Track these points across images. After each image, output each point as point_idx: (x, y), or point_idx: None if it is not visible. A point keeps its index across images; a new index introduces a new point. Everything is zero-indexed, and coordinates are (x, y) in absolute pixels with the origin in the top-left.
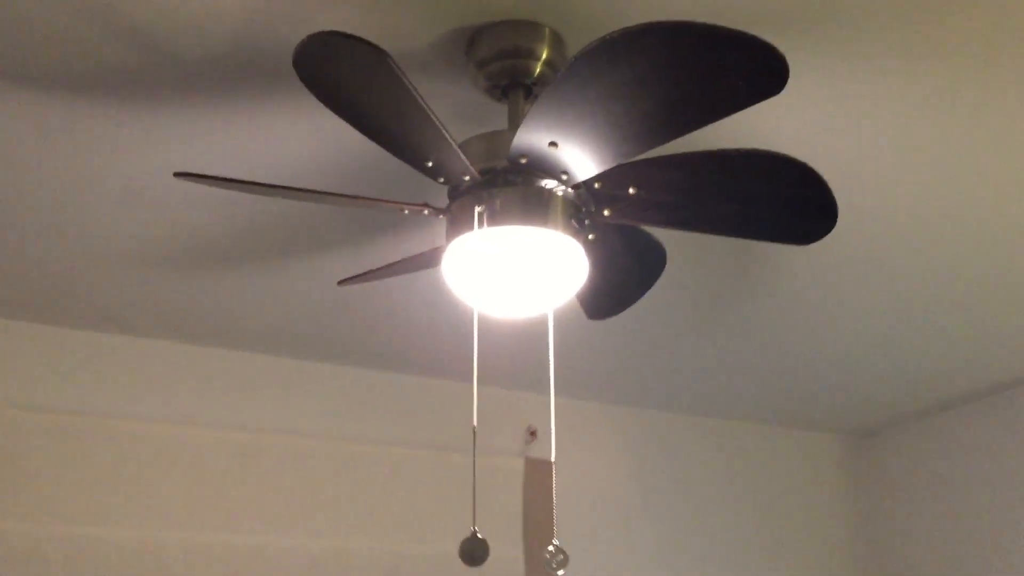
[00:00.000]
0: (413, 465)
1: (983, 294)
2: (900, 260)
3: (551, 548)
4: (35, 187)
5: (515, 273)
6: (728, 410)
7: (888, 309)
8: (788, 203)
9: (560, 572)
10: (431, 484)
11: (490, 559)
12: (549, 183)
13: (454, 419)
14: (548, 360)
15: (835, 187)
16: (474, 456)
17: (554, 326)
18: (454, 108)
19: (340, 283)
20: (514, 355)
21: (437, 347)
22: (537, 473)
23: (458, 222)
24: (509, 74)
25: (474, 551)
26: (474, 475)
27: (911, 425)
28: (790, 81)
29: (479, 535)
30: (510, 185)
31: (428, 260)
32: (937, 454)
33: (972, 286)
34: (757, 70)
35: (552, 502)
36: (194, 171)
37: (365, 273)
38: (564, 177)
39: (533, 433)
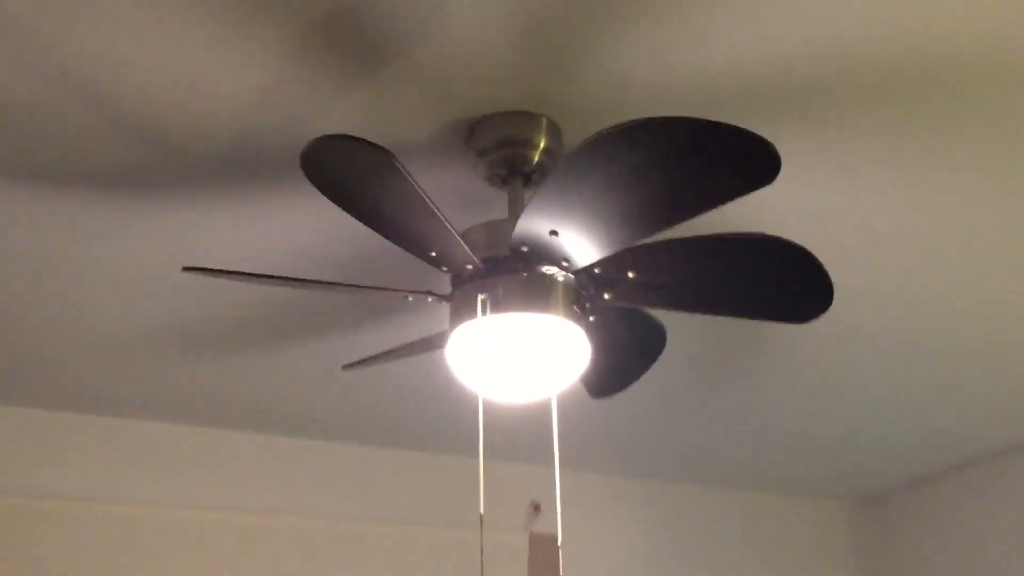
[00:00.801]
0: (418, 543)
1: (978, 363)
2: (895, 333)
3: None
4: (42, 278)
5: (518, 359)
6: (735, 480)
7: (887, 380)
8: (784, 284)
9: None
10: (436, 562)
11: None
12: (550, 270)
13: (458, 495)
14: (552, 437)
15: (830, 266)
16: (481, 545)
17: (557, 399)
18: (456, 196)
19: (344, 368)
20: (517, 429)
21: (440, 423)
22: (542, 548)
23: (461, 309)
24: (509, 163)
25: None
26: (481, 563)
27: (916, 491)
28: (785, 164)
29: None
30: (512, 273)
31: (432, 344)
32: (942, 519)
33: (967, 356)
34: (749, 161)
35: None
36: (200, 262)
37: (370, 358)
38: (565, 264)
39: (537, 507)
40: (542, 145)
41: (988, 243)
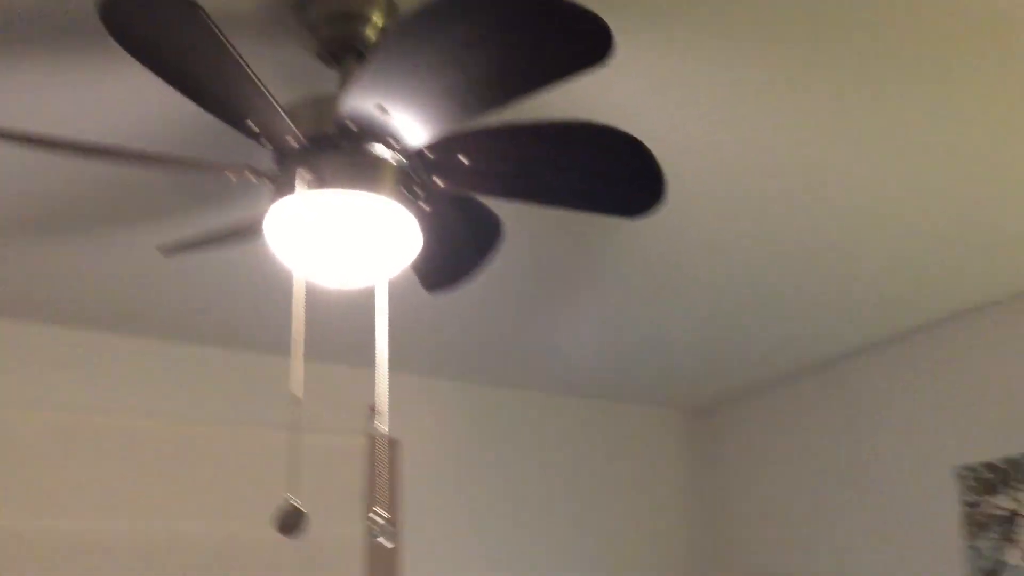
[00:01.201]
0: (243, 443)
1: (808, 275)
2: (733, 240)
3: (378, 518)
4: None
5: (343, 240)
6: (570, 387)
7: (719, 291)
8: (616, 175)
9: (389, 544)
10: (264, 463)
11: (331, 536)
12: (379, 149)
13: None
14: (382, 332)
15: (668, 165)
16: (294, 419)
17: (394, 302)
18: (285, 72)
19: (162, 250)
20: (355, 331)
21: (269, 322)
22: (379, 451)
23: (283, 187)
24: (341, 38)
25: (289, 520)
26: (292, 442)
27: (744, 402)
28: (626, 54)
29: (294, 502)
30: (338, 150)
31: (254, 228)
32: (768, 428)
33: (798, 267)
34: (581, 38)
35: (395, 479)
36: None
37: (188, 241)
38: (394, 143)
39: (374, 410)
40: (376, 21)
41: (826, 151)
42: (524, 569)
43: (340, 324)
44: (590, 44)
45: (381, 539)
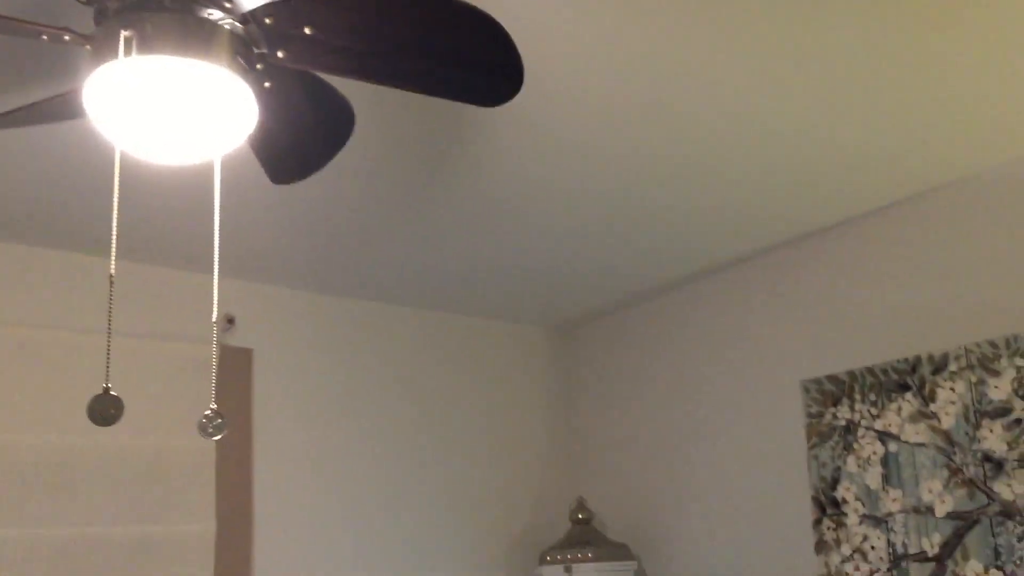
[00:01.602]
0: (87, 351)
1: (668, 189)
2: (593, 148)
3: (208, 412)
4: None
5: (171, 110)
6: (438, 302)
7: (580, 200)
8: (474, 60)
9: (216, 437)
10: (113, 373)
11: (180, 447)
12: (212, 12)
13: (144, 303)
14: (215, 222)
15: (529, 56)
16: (109, 318)
17: (243, 207)
18: None
19: None
20: (210, 237)
21: (104, 218)
22: (235, 361)
23: (104, 51)
24: None
25: (104, 408)
26: (109, 321)
27: (603, 319)
28: None
29: (112, 391)
30: (165, 11)
31: (76, 103)
32: (625, 345)
33: (659, 180)
34: None
35: (245, 389)
36: None
37: (3, 115)
38: (228, 6)
39: (231, 320)
40: None
41: (693, 57)
42: (375, 477)
43: (190, 229)
44: None
45: (213, 434)
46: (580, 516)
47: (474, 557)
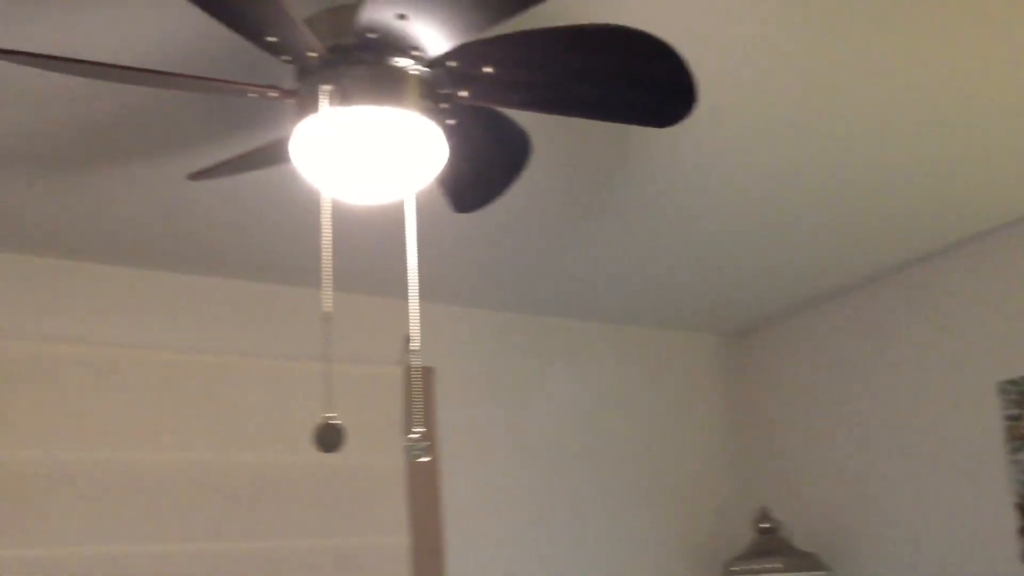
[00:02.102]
0: (285, 375)
1: (843, 192)
2: (766, 157)
3: (413, 435)
4: None
5: (369, 155)
6: (603, 313)
7: (756, 207)
8: (646, 83)
9: (423, 459)
10: (305, 394)
11: (372, 464)
12: (401, 61)
13: (330, 328)
14: (410, 253)
15: (700, 75)
16: (326, 338)
17: (424, 230)
18: None
19: (191, 177)
20: (389, 261)
21: (308, 253)
22: (416, 381)
23: (307, 104)
24: None
25: (327, 435)
26: (328, 360)
27: (779, 324)
28: None
29: (333, 420)
30: (360, 63)
31: (281, 150)
32: (806, 349)
33: (833, 184)
34: None
35: (429, 408)
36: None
37: (216, 166)
38: (416, 54)
39: (409, 340)
40: None
41: (854, 77)
42: (558, 494)
43: (372, 255)
44: None
45: (419, 456)
46: (764, 526)
47: (657, 568)
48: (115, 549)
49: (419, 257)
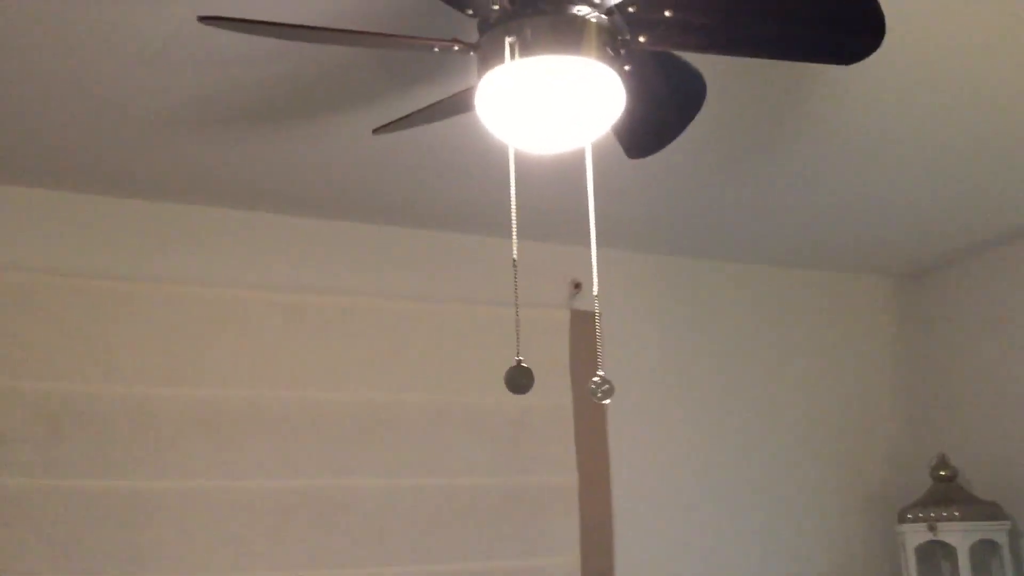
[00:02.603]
0: (460, 320)
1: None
2: (944, 89)
3: (596, 379)
4: (53, 49)
5: (550, 104)
6: (772, 256)
7: (927, 148)
8: (832, 19)
9: (606, 401)
10: (479, 338)
11: (542, 406)
12: (582, 9)
13: (498, 273)
14: (588, 202)
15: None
16: (515, 282)
17: (593, 175)
18: None
19: (375, 131)
20: (556, 207)
21: (477, 202)
22: (582, 324)
23: (489, 56)
24: None
25: (518, 379)
26: (516, 306)
27: (958, 264)
28: None
29: (523, 363)
30: (541, 13)
31: (463, 102)
32: (983, 292)
33: (1010, 119)
34: None
35: (597, 352)
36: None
37: (400, 119)
38: (597, 2)
39: (577, 285)
40: None
41: None
42: (725, 438)
43: (539, 201)
44: None
45: (603, 397)
46: (942, 473)
47: (829, 514)
48: (303, 483)
49: (581, 203)
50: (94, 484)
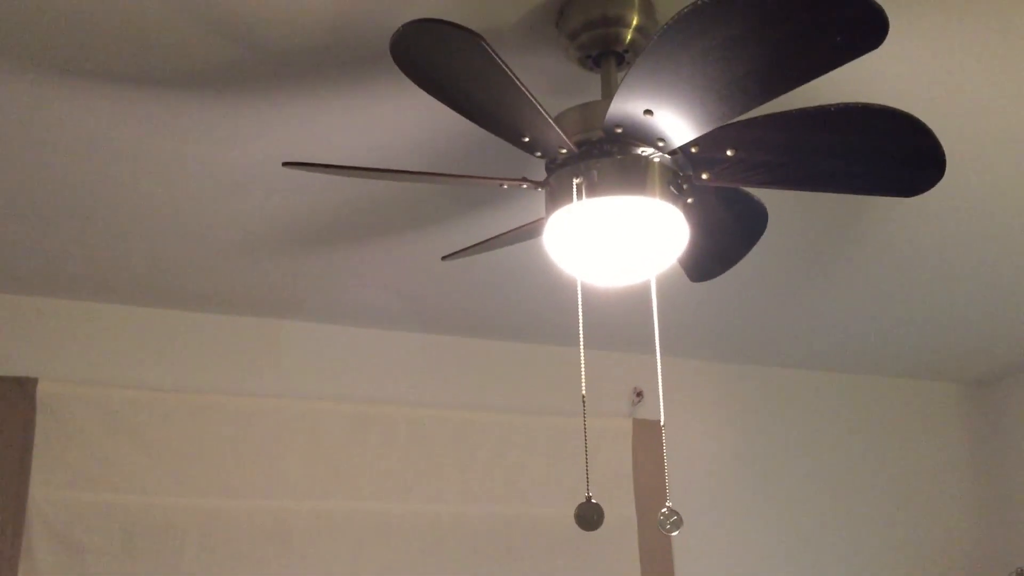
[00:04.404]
0: (524, 431)
1: None
2: (1004, 206)
3: (665, 510)
4: (148, 181)
5: (616, 242)
6: (838, 363)
7: (996, 257)
8: (892, 155)
9: (674, 533)
10: (542, 448)
11: (605, 518)
12: (646, 151)
13: (562, 384)
14: (653, 323)
15: (940, 137)
16: (584, 422)
17: (657, 284)
18: (548, 80)
19: (444, 258)
20: (618, 317)
21: (542, 314)
22: (645, 433)
23: (557, 194)
24: (600, 43)
25: (589, 515)
26: (585, 441)
27: None
28: (890, 33)
29: (593, 500)
30: (607, 156)
31: (529, 232)
32: None
33: None
34: (855, 25)
35: (662, 462)
36: (298, 158)
37: (467, 248)
38: (660, 144)
39: (640, 394)
40: (634, 23)
41: None
42: (796, 550)
43: (602, 311)
44: (863, 30)
45: (672, 530)
46: None
47: None
48: None
49: (645, 312)
50: None
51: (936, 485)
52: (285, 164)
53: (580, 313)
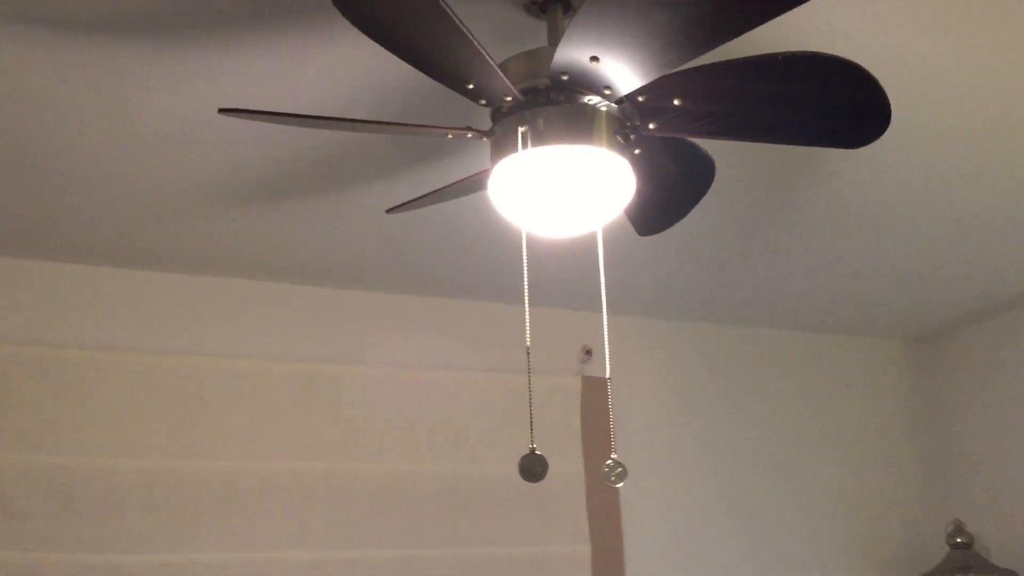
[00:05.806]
0: (472, 388)
1: None
2: (950, 162)
3: (610, 462)
4: (78, 131)
5: (562, 192)
6: (783, 320)
7: (936, 214)
8: (838, 106)
9: (619, 485)
10: (491, 407)
11: (552, 474)
12: (592, 99)
13: (509, 341)
14: (600, 278)
15: (887, 90)
16: (529, 375)
17: (603, 243)
18: (493, 27)
19: (388, 211)
20: (566, 275)
21: (488, 270)
22: (594, 390)
23: (502, 144)
24: None
25: (532, 467)
26: (530, 394)
27: (967, 328)
28: None
29: (537, 451)
30: (552, 104)
31: (474, 184)
32: (994, 356)
33: (1019, 187)
34: None
35: (609, 418)
36: (235, 106)
37: (412, 200)
38: (607, 92)
39: (588, 352)
40: None
41: None
42: (739, 503)
43: (550, 269)
44: None
45: (616, 481)
46: (959, 540)
47: None
48: (318, 555)
49: (592, 272)
50: (106, 559)
51: (878, 439)
52: (221, 111)
53: (524, 263)
